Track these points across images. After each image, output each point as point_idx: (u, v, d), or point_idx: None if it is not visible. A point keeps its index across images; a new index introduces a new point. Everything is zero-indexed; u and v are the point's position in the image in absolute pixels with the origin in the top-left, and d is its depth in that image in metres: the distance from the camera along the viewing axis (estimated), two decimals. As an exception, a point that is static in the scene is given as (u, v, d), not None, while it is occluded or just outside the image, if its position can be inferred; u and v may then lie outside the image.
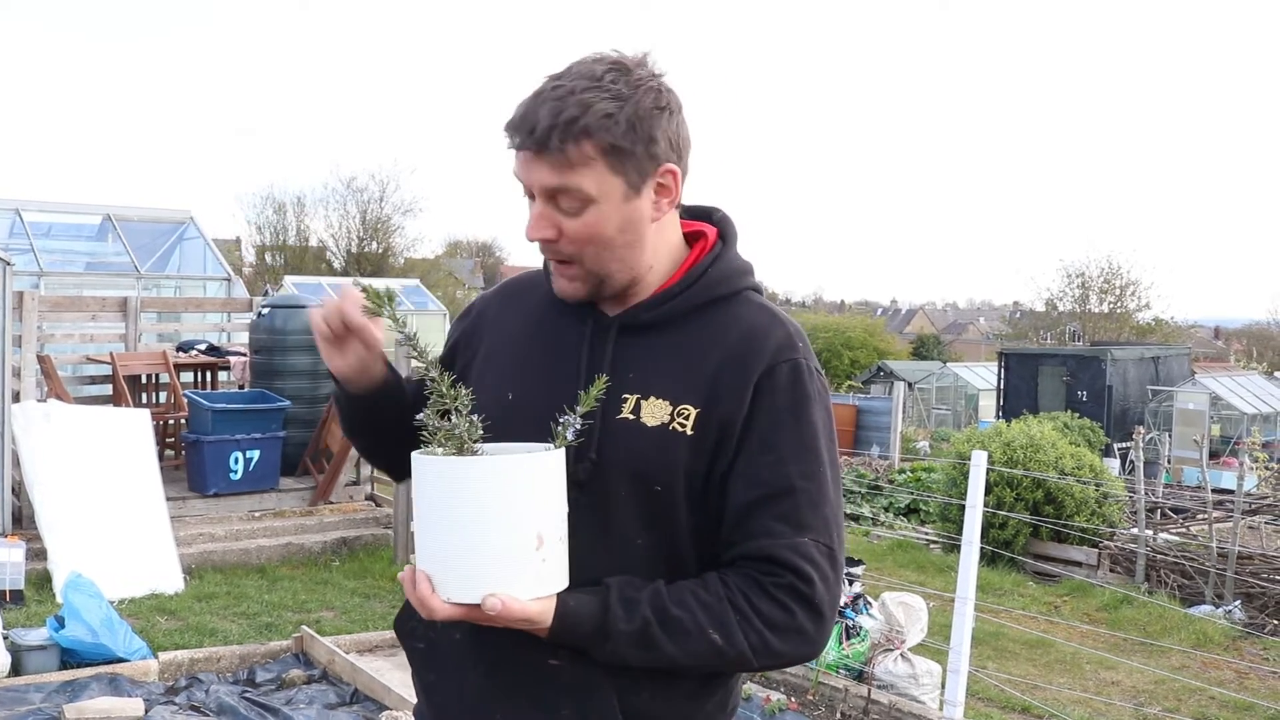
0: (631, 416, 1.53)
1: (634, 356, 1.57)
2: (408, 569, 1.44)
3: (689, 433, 1.52)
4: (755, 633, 1.47)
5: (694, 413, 1.52)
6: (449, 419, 1.42)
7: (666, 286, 1.59)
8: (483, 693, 1.57)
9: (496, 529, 1.37)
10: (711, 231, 1.65)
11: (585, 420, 1.45)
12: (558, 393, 1.55)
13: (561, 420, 1.44)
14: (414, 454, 1.42)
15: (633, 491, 1.52)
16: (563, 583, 1.43)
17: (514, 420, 1.54)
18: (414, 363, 1.53)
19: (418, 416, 1.44)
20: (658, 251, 1.58)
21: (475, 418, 1.42)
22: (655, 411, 1.53)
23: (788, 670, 5.53)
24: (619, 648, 1.46)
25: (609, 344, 1.58)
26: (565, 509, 1.43)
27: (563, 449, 1.43)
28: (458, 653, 1.59)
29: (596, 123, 1.45)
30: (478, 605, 1.37)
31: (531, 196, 1.53)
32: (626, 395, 1.54)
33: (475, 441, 1.42)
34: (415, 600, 1.42)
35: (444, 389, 1.43)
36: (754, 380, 1.53)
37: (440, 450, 1.42)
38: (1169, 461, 18.29)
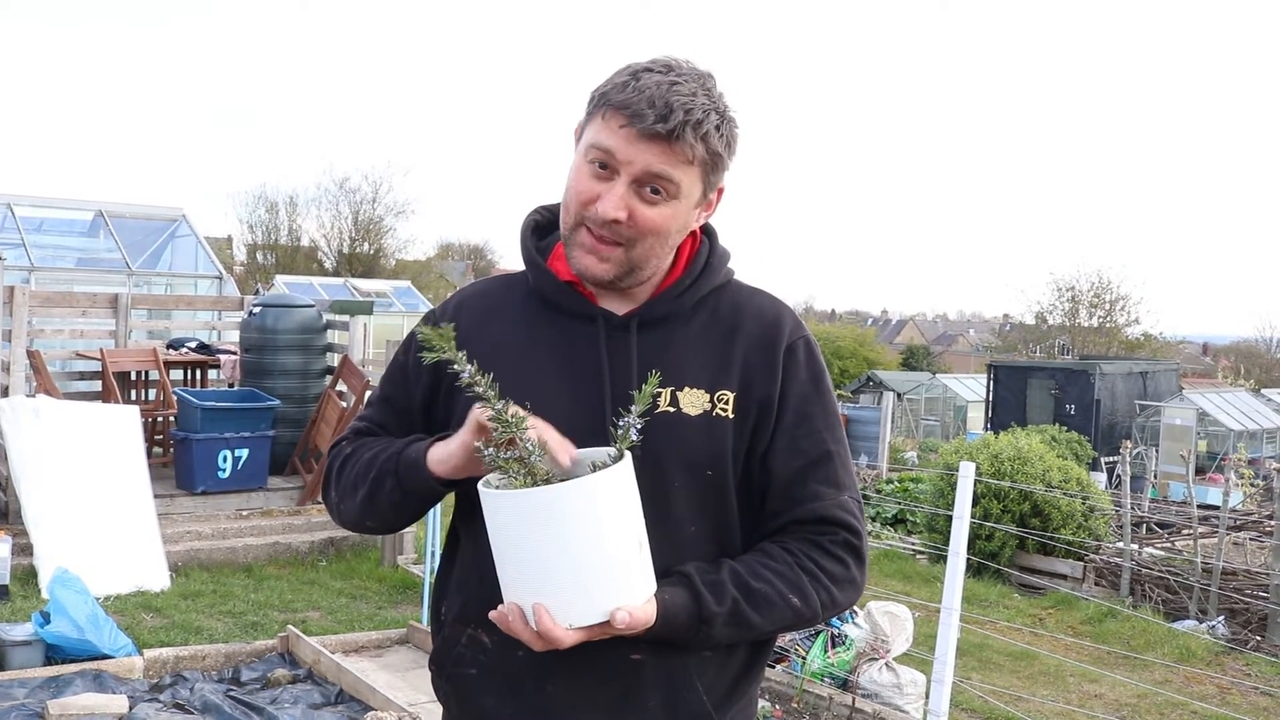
0: (671, 409, 1.57)
1: (654, 351, 1.60)
2: (505, 608, 1.40)
3: (731, 416, 1.59)
4: (824, 589, 1.57)
5: (732, 397, 1.60)
6: (513, 446, 1.40)
7: (673, 280, 1.63)
8: (563, 701, 1.57)
9: (607, 545, 1.37)
10: None
11: (642, 418, 1.46)
12: (581, 394, 1.57)
13: (621, 423, 1.44)
14: (494, 491, 1.39)
15: (685, 481, 1.57)
16: (654, 581, 1.44)
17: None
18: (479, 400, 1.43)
19: (476, 444, 1.42)
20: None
21: (536, 442, 1.41)
22: (694, 400, 1.59)
23: (771, 677, 5.54)
24: (714, 630, 1.51)
25: (631, 340, 1.60)
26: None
27: (628, 452, 1.43)
28: (526, 669, 1.57)
29: (716, 131, 1.52)
30: (604, 623, 1.37)
31: (605, 169, 1.53)
32: (659, 389, 1.57)
33: (541, 464, 1.40)
34: (529, 635, 1.39)
35: (509, 420, 1.40)
36: (780, 359, 1.63)
37: (510, 479, 1.40)
38: (1155, 476, 18.34)
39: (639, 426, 1.44)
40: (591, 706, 1.56)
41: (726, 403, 1.59)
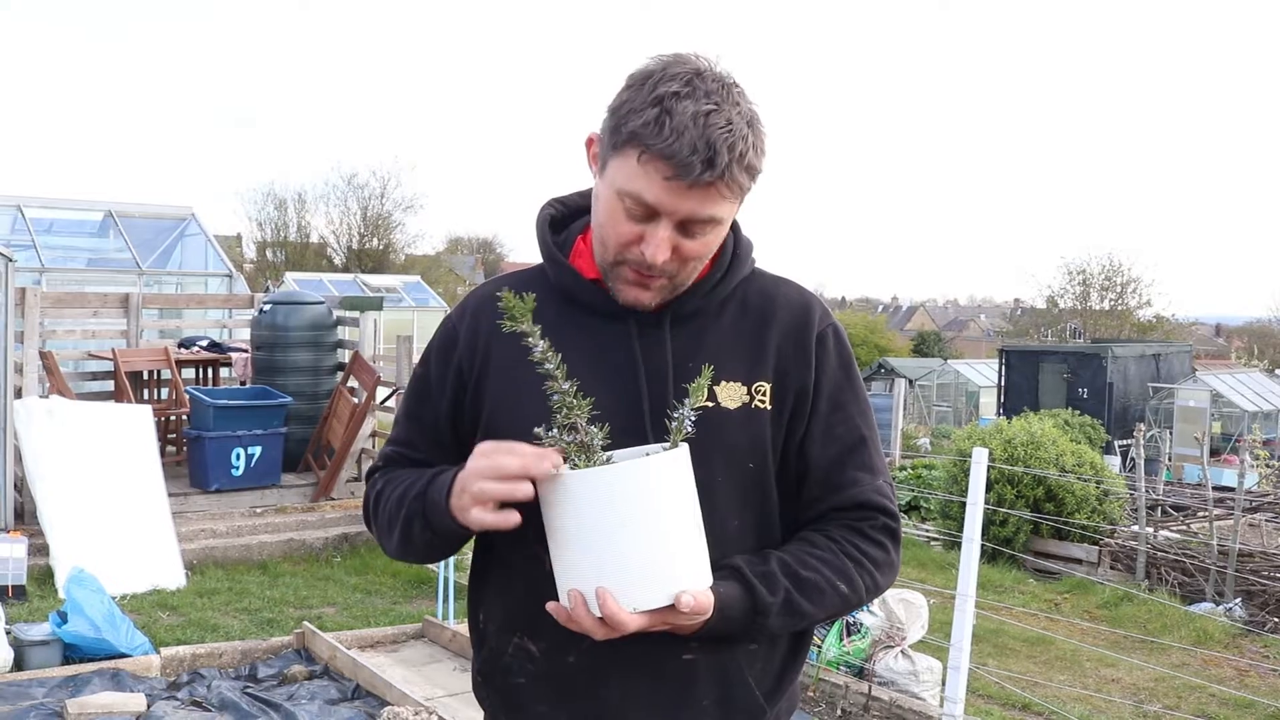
0: (710, 403, 1.56)
1: (688, 346, 1.59)
2: (566, 598, 1.38)
3: (769, 407, 1.59)
4: (868, 574, 1.58)
5: (769, 388, 1.59)
6: (575, 431, 1.40)
7: (703, 275, 1.61)
8: (617, 704, 1.56)
9: (673, 527, 1.37)
10: None
11: (696, 411, 1.44)
12: (618, 392, 1.55)
13: (676, 415, 1.43)
14: (560, 473, 1.38)
15: (728, 475, 1.56)
16: (710, 573, 1.44)
17: None
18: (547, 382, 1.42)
19: (537, 430, 1.41)
20: None
21: (597, 426, 1.40)
22: (732, 394, 1.58)
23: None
24: (768, 621, 1.50)
25: (664, 337, 1.58)
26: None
27: (684, 443, 1.42)
28: (578, 674, 1.56)
29: (752, 161, 1.48)
30: (668, 607, 1.37)
31: (645, 211, 1.48)
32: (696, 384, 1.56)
33: (604, 449, 1.40)
34: (591, 623, 1.37)
35: (575, 402, 1.39)
36: (812, 347, 1.62)
37: (571, 464, 1.39)
38: (1170, 459, 18.29)
39: (693, 420, 1.43)
40: (647, 708, 1.56)
41: (764, 394, 1.59)
